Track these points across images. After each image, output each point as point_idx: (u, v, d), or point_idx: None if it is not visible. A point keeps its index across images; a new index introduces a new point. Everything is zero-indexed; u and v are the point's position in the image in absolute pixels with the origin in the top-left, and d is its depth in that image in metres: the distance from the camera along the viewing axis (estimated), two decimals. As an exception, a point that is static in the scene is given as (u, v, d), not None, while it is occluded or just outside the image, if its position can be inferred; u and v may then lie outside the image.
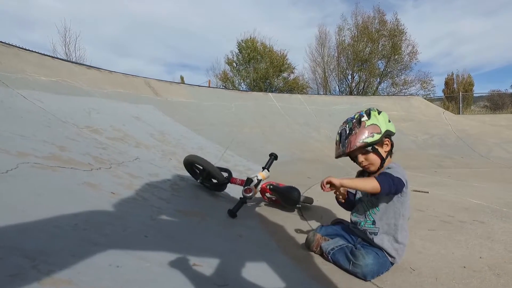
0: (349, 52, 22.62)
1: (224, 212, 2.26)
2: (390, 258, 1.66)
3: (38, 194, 1.27)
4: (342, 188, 1.63)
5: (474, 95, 21.35)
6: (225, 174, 2.67)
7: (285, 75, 24.07)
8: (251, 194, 2.29)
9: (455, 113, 12.92)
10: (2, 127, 2.14)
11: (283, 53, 23.59)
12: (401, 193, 1.65)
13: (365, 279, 1.56)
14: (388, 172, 1.64)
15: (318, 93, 23.84)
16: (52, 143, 2.20)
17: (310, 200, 2.88)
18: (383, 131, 1.68)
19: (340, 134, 1.76)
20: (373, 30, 22.00)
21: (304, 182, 4.01)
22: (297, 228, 2.31)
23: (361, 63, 22.37)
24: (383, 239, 1.66)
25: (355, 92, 22.70)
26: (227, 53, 26.38)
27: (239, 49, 23.88)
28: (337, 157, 1.80)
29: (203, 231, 1.73)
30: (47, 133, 2.43)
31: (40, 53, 5.00)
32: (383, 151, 1.74)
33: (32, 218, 1.03)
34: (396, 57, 21.88)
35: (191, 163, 2.70)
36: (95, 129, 3.37)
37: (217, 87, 18.60)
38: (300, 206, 2.85)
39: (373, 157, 1.72)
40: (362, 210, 1.78)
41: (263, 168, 2.64)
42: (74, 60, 16.49)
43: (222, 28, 44.33)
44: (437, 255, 1.89)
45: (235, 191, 2.90)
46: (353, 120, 1.72)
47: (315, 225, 2.45)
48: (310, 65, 25.00)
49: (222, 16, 43.81)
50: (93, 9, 34.00)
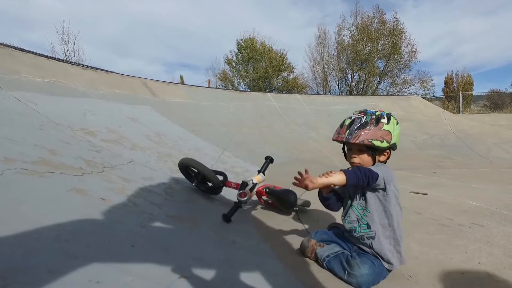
0: (349, 52, 22.59)
1: (219, 217, 2.22)
2: (387, 265, 1.62)
3: (21, 203, 1.23)
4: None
5: (474, 94, 21.34)
6: (221, 178, 2.63)
7: (284, 74, 24.07)
8: (246, 198, 2.25)
9: (454, 113, 12.88)
10: (-9, 130, 2.10)
11: (282, 53, 23.60)
12: (385, 191, 1.61)
13: (360, 289, 1.53)
14: (361, 166, 1.62)
15: (318, 93, 23.83)
16: (43, 147, 2.15)
17: (307, 203, 2.84)
18: (392, 142, 1.64)
19: (353, 121, 1.67)
20: (373, 29, 21.97)
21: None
22: (293, 232, 2.27)
23: (361, 62, 22.34)
24: (382, 242, 1.62)
25: (354, 92, 22.66)
26: (226, 53, 26.38)
27: (238, 49, 23.87)
28: (334, 140, 1.73)
29: (195, 238, 1.68)
30: (39, 136, 2.39)
31: (35, 53, 4.96)
32: (378, 158, 1.70)
33: (9, 231, 0.98)
34: (396, 56, 21.85)
35: (186, 166, 2.66)
36: (90, 131, 3.32)
37: (216, 87, 18.57)
38: (297, 209, 2.82)
39: (367, 159, 1.68)
40: (354, 215, 1.72)
41: (259, 172, 2.60)
42: (73, 60, 16.46)
43: (221, 27, 44.34)
44: (435, 260, 1.85)
45: (231, 194, 2.86)
46: (373, 116, 1.65)
47: (312, 229, 2.41)
48: (309, 65, 25.03)
49: (221, 16, 43.80)
50: (93, 9, 34.01)
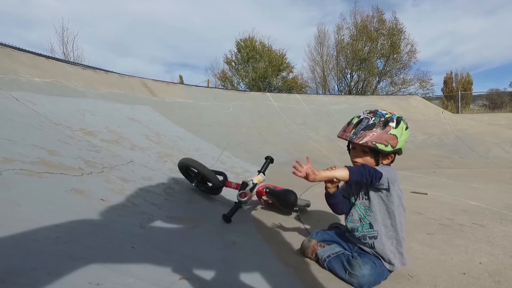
0: (348, 51, 22.57)
1: (219, 217, 2.21)
2: (388, 266, 1.61)
3: (19, 204, 1.21)
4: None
5: (473, 94, 21.33)
6: (221, 178, 2.62)
7: (284, 74, 24.02)
8: (246, 199, 2.24)
9: (454, 112, 12.89)
10: (-10, 131, 2.08)
11: (282, 53, 23.55)
12: (389, 191, 1.59)
13: (361, 290, 1.52)
14: (366, 164, 1.61)
15: (317, 93, 23.81)
16: (42, 147, 2.14)
17: (307, 204, 2.84)
18: (397, 147, 1.62)
19: (361, 121, 1.65)
20: (372, 29, 21.96)
21: (301, 184, 3.94)
22: (293, 233, 2.26)
23: (360, 62, 22.33)
24: (384, 243, 1.61)
25: (354, 91, 22.66)
26: (226, 53, 26.32)
27: (238, 49, 23.81)
28: (339, 137, 1.71)
29: (195, 238, 1.68)
30: (38, 137, 2.37)
31: (34, 53, 4.94)
32: (381, 161, 1.68)
33: (8, 232, 0.96)
34: (395, 56, 21.84)
35: (185, 167, 2.65)
36: (89, 131, 3.31)
37: (215, 87, 18.53)
38: (297, 209, 2.81)
39: (370, 161, 1.67)
40: (357, 214, 1.72)
41: (259, 172, 2.59)
42: (72, 59, 16.41)
43: (221, 27, 44.28)
44: (436, 261, 1.84)
45: (231, 194, 2.85)
46: (382, 118, 1.63)
47: (312, 229, 2.41)
48: (309, 64, 25.03)
49: (221, 16, 43.74)
50: (92, 8, 33.92)
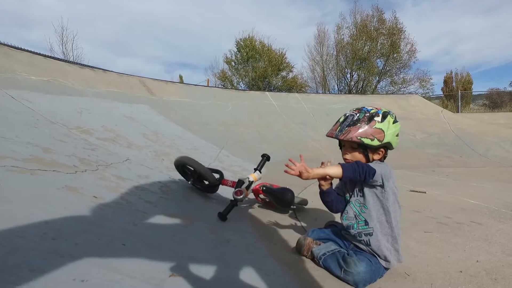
0: (348, 51, 22.56)
1: (214, 215, 2.20)
2: (384, 263, 1.60)
3: (9, 201, 1.19)
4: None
5: (473, 93, 21.31)
6: (217, 176, 2.60)
7: (283, 74, 24.00)
8: (242, 197, 2.22)
9: (454, 112, 12.87)
10: (-17, 128, 2.07)
11: (281, 52, 23.53)
12: (383, 187, 1.60)
13: (356, 287, 1.50)
14: (360, 161, 1.62)
15: (317, 92, 23.79)
16: (36, 145, 2.12)
17: (304, 202, 2.82)
18: (384, 141, 1.61)
19: (346, 118, 1.68)
20: (372, 28, 21.94)
21: (299, 183, 3.91)
22: (289, 231, 2.24)
23: (360, 61, 22.31)
24: (380, 240, 1.60)
25: (354, 91, 22.64)
26: (225, 52, 26.26)
27: (237, 48, 23.79)
28: (328, 136, 1.73)
29: (189, 236, 1.66)
30: (32, 134, 2.36)
31: (31, 51, 4.93)
32: (372, 157, 1.68)
33: (-6, 229, 0.95)
34: (395, 55, 21.82)
35: (182, 165, 2.63)
36: (86, 129, 3.30)
37: (215, 86, 18.48)
38: (294, 207, 2.80)
39: (359, 157, 1.68)
40: (352, 211, 1.71)
41: (255, 170, 2.57)
42: (71, 59, 16.40)
43: (220, 27, 44.24)
44: (433, 259, 1.83)
45: (227, 192, 2.83)
46: (366, 113, 1.64)
47: (309, 227, 2.39)
48: (309, 64, 24.99)
49: (221, 15, 43.72)
50: (92, 8, 33.91)
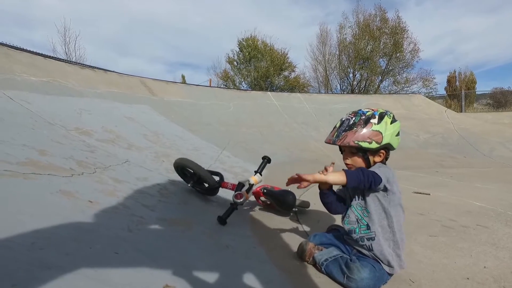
0: (351, 50, 22.42)
1: (214, 219, 2.15)
2: (388, 269, 1.55)
3: (-3, 207, 1.16)
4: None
5: (477, 92, 21.14)
6: (217, 178, 2.56)
7: (286, 73, 23.94)
8: (242, 200, 2.17)
9: (457, 111, 12.75)
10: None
11: (284, 52, 23.47)
12: (386, 191, 1.54)
13: (360, 294, 1.45)
14: (365, 168, 1.56)
15: (319, 92, 23.69)
16: (32, 147, 2.08)
17: (306, 204, 2.77)
18: (383, 142, 1.56)
19: (342, 123, 1.65)
20: (375, 28, 21.80)
21: (301, 184, 3.89)
22: (291, 235, 2.20)
23: (363, 61, 22.17)
24: (382, 244, 1.55)
25: (356, 91, 22.52)
26: (227, 52, 26.19)
27: (239, 48, 23.75)
28: (326, 142, 1.69)
29: (186, 242, 1.61)
30: (29, 136, 2.32)
31: (31, 51, 4.91)
32: (373, 160, 1.63)
33: (-23, 239, 0.91)
34: (398, 55, 21.67)
35: (181, 167, 2.59)
36: (85, 130, 3.26)
37: (217, 86, 18.43)
38: (296, 210, 2.74)
39: (359, 161, 1.63)
40: (354, 215, 1.66)
41: (256, 172, 2.52)
42: (74, 59, 16.43)
43: (223, 26, 44.23)
44: (439, 265, 1.77)
45: (228, 195, 2.79)
46: (362, 116, 1.60)
47: (311, 230, 2.34)
48: (311, 64, 24.81)
49: (223, 15, 43.70)
50: (95, 8, 34.00)
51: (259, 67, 22.62)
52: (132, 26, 44.49)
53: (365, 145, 1.54)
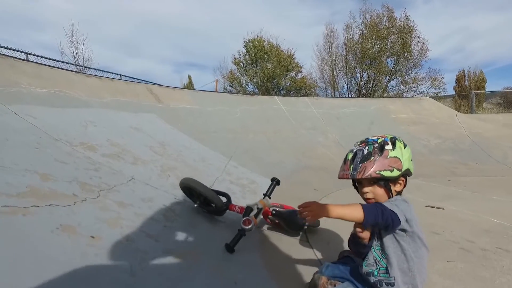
0: (358, 50, 22.18)
1: (221, 245, 2.07)
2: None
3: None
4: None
5: (487, 92, 20.75)
6: (224, 199, 2.48)
7: (292, 74, 23.82)
8: (250, 226, 2.08)
9: (467, 112, 12.47)
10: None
11: (290, 52, 23.36)
12: (406, 232, 1.41)
13: None
14: (385, 203, 1.43)
15: (326, 92, 23.52)
16: (35, 171, 2.02)
17: (316, 223, 2.67)
18: (404, 168, 1.47)
19: (355, 154, 1.52)
20: (382, 27, 21.54)
21: (310, 196, 3.79)
22: (302, 261, 2.10)
23: (370, 61, 21.93)
24: None
25: (363, 91, 22.29)
26: (234, 53, 26.12)
27: (246, 49, 23.70)
28: (340, 178, 1.57)
29: (192, 279, 1.53)
30: (32, 158, 2.26)
31: (38, 62, 4.89)
32: (394, 189, 1.52)
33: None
34: (406, 54, 21.38)
35: (188, 188, 2.52)
36: (90, 145, 3.21)
37: (224, 90, 18.40)
38: (305, 228, 2.65)
39: (381, 193, 1.51)
40: (372, 257, 1.52)
41: (264, 195, 2.43)
42: (82, 62, 16.55)
43: (229, 27, 44.25)
44: (460, 299, 1.67)
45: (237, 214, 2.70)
46: (375, 144, 1.50)
47: (323, 254, 2.25)
48: (317, 64, 24.58)
49: (229, 16, 43.71)
50: (102, 9, 34.24)
51: (265, 68, 22.54)
52: (141, 27, 44.76)
53: (387, 174, 1.44)
